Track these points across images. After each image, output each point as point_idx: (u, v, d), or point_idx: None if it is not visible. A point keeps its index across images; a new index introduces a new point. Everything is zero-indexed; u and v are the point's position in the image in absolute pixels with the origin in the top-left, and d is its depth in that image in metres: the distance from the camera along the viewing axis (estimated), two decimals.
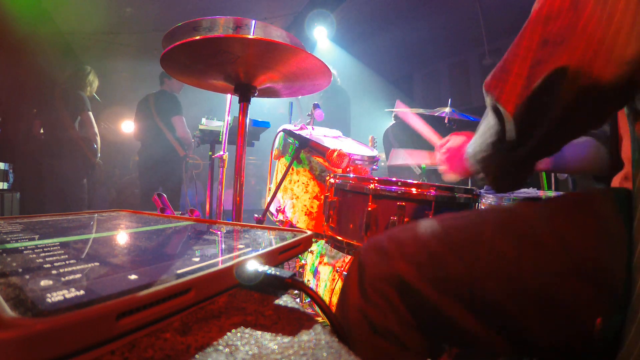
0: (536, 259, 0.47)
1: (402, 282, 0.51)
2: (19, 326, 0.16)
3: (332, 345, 0.23)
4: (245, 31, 1.00)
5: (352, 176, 1.10)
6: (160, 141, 3.11)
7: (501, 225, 0.53)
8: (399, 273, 0.52)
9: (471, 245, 0.51)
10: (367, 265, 0.56)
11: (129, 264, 0.29)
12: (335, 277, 1.41)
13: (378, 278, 0.53)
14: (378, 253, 0.56)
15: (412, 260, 0.52)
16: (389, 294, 0.52)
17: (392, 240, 0.57)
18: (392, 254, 0.54)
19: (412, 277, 0.51)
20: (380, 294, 0.52)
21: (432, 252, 0.52)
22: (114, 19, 4.32)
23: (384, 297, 0.52)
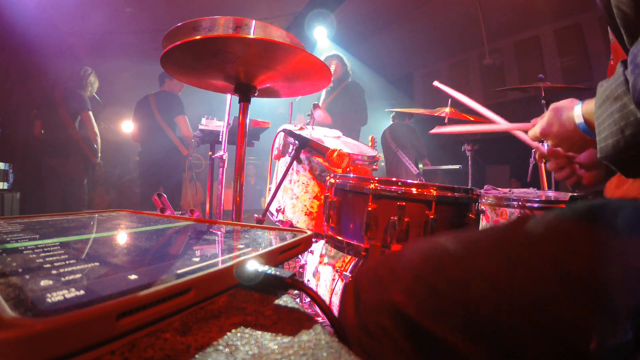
0: (528, 285, 0.48)
1: (397, 311, 0.52)
2: (19, 326, 0.16)
3: (332, 345, 0.23)
4: (245, 31, 1.00)
5: (352, 176, 1.10)
6: (161, 141, 3.11)
7: (494, 250, 0.53)
8: (394, 302, 0.52)
9: (462, 271, 0.52)
10: (364, 296, 0.56)
11: (129, 264, 0.29)
12: (335, 277, 1.41)
13: (373, 307, 0.54)
14: (374, 281, 0.57)
15: (406, 290, 0.53)
16: (387, 325, 0.52)
17: (387, 268, 0.57)
18: (386, 283, 0.55)
19: (406, 306, 0.51)
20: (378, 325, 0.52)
21: (425, 280, 0.53)
22: (114, 19, 4.32)
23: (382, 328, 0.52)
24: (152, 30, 4.20)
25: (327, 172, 1.34)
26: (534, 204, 1.25)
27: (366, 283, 0.58)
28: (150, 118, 3.12)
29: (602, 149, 0.51)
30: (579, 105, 0.63)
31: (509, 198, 1.32)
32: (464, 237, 0.61)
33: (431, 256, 0.56)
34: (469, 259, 0.53)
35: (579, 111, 0.63)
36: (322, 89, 1.05)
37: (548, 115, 0.71)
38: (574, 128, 0.64)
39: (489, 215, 1.41)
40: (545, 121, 0.72)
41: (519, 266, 0.49)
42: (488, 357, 0.48)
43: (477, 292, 0.49)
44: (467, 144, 2.41)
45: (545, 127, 0.72)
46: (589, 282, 0.46)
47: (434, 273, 0.53)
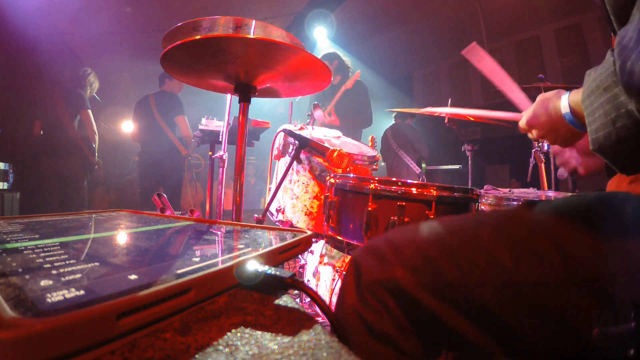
0: (533, 267, 0.47)
1: (398, 288, 0.51)
2: (19, 326, 0.16)
3: (332, 345, 0.23)
4: (245, 31, 1.00)
5: (352, 176, 1.10)
6: (161, 141, 3.11)
7: (499, 231, 0.52)
8: (395, 278, 0.52)
9: (468, 250, 0.51)
10: (364, 268, 0.56)
11: (129, 264, 0.29)
12: (335, 277, 1.41)
13: (375, 282, 0.53)
14: (375, 257, 0.56)
15: (409, 266, 0.52)
16: (386, 299, 0.52)
17: (389, 244, 0.57)
18: (389, 259, 0.54)
19: (408, 282, 0.51)
20: (377, 298, 0.52)
21: (429, 257, 0.52)
22: (114, 19, 4.32)
23: (381, 301, 0.52)
24: (152, 30, 4.20)
25: (327, 172, 1.34)
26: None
27: (367, 257, 0.57)
28: (150, 118, 3.12)
29: (594, 140, 0.50)
30: (565, 96, 0.62)
31: (509, 198, 1.32)
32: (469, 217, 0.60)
33: (437, 234, 0.55)
34: (475, 239, 0.52)
35: (566, 101, 0.61)
36: (322, 89, 1.05)
37: (534, 106, 0.70)
38: (560, 119, 0.63)
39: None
40: (530, 112, 0.70)
41: (524, 248, 0.49)
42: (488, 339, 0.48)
43: (481, 272, 0.49)
44: (467, 144, 2.41)
45: (530, 118, 0.70)
46: (594, 269, 0.45)
47: (439, 251, 0.52)
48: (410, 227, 0.60)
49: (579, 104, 0.56)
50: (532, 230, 0.51)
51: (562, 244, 0.47)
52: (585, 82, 0.52)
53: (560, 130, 0.65)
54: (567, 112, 0.61)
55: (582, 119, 0.54)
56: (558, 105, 0.63)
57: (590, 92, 0.50)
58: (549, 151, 2.06)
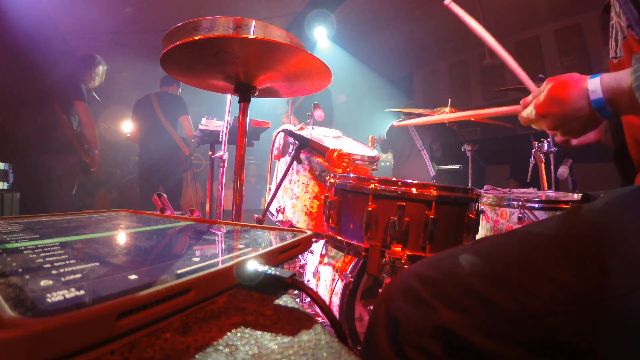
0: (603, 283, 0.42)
1: (448, 334, 0.45)
2: (19, 326, 0.16)
3: (332, 345, 0.23)
4: (245, 31, 1.00)
5: (352, 176, 1.10)
6: (162, 141, 3.11)
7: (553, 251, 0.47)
8: (443, 324, 0.45)
9: (521, 278, 0.45)
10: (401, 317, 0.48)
11: (129, 264, 0.29)
12: (335, 277, 1.41)
13: (417, 332, 0.46)
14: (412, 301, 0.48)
15: (456, 307, 0.45)
16: (434, 349, 0.45)
17: (424, 283, 0.49)
18: (429, 301, 0.47)
19: (459, 326, 0.44)
20: (422, 351, 0.45)
21: (477, 293, 0.46)
22: (114, 19, 4.32)
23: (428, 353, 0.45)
24: (152, 30, 4.20)
25: (327, 172, 1.34)
26: (534, 204, 1.25)
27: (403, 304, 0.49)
28: (152, 117, 3.12)
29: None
30: (594, 80, 0.55)
31: (509, 198, 1.32)
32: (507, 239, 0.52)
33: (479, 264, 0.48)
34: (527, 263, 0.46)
35: (596, 85, 0.54)
36: (322, 89, 1.05)
37: (547, 92, 0.61)
38: (584, 105, 0.55)
39: (489, 215, 1.41)
40: (543, 99, 0.61)
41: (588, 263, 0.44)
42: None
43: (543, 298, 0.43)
44: (467, 144, 2.41)
45: (543, 107, 0.61)
46: None
47: (487, 284, 0.46)
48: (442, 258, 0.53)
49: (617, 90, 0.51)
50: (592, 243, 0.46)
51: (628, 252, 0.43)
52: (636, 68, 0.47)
53: (582, 119, 0.57)
54: (599, 97, 0.54)
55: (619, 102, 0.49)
56: (583, 89, 0.56)
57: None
58: (549, 151, 2.06)
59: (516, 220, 1.28)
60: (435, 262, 0.53)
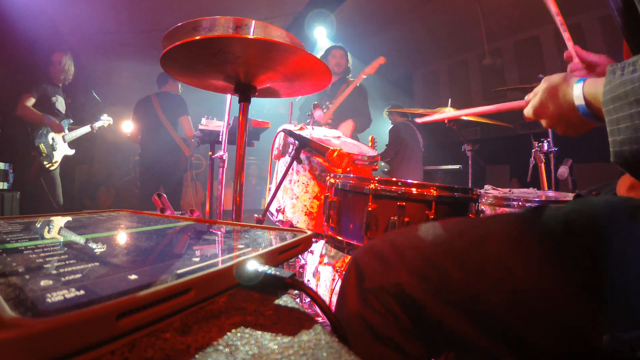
0: (545, 276, 0.47)
1: (403, 293, 0.51)
2: (19, 326, 0.16)
3: (332, 345, 0.23)
4: (245, 31, 1.00)
5: (352, 176, 1.10)
6: (163, 141, 3.11)
7: (508, 238, 0.51)
8: (401, 284, 0.51)
9: (475, 256, 0.50)
10: (367, 272, 0.55)
11: (129, 264, 0.29)
12: (335, 277, 1.41)
13: (379, 287, 0.53)
14: (378, 260, 0.55)
15: (414, 271, 0.52)
16: (390, 303, 0.51)
17: (392, 247, 0.56)
18: (393, 264, 0.53)
19: (414, 288, 0.50)
20: (381, 302, 0.52)
21: (434, 262, 0.51)
22: (114, 19, 4.32)
23: (385, 305, 0.52)
24: (152, 30, 4.20)
25: (327, 172, 1.34)
26: (534, 204, 1.25)
27: (370, 260, 0.56)
28: (152, 118, 3.11)
29: (617, 154, 0.46)
30: (578, 85, 0.55)
31: (509, 198, 1.32)
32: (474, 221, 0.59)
33: (442, 237, 0.54)
34: (482, 245, 0.51)
35: (579, 91, 0.55)
36: (322, 89, 1.05)
37: (540, 95, 0.63)
38: (571, 109, 0.57)
39: (489, 215, 1.41)
40: (537, 101, 0.63)
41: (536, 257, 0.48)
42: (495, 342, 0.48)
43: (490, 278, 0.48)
44: (467, 144, 2.41)
45: (538, 108, 0.63)
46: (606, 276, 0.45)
47: (445, 256, 0.51)
48: (413, 229, 0.58)
49: (596, 98, 0.51)
50: (543, 240, 0.50)
51: (573, 254, 0.47)
52: (608, 80, 0.47)
53: (572, 120, 0.59)
54: (582, 104, 0.54)
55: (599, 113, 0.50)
56: (570, 94, 0.57)
57: (617, 98, 0.45)
58: (549, 151, 2.06)
59: None
60: (405, 232, 0.59)
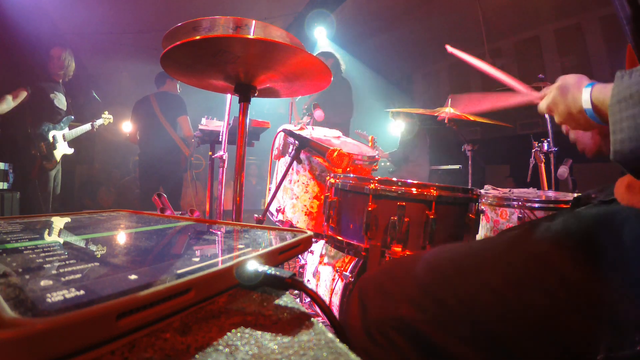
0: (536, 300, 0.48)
1: (406, 325, 0.52)
2: (19, 326, 0.16)
3: (332, 345, 0.23)
4: (245, 31, 1.00)
5: (352, 176, 1.10)
6: (162, 141, 3.11)
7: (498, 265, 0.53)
8: (401, 316, 0.53)
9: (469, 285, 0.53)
10: (370, 305, 0.57)
11: (129, 264, 0.29)
12: (335, 277, 1.41)
13: (381, 320, 0.54)
14: (380, 293, 0.57)
15: (414, 303, 0.53)
16: (393, 336, 0.53)
17: (392, 280, 0.58)
18: (393, 296, 0.56)
19: (415, 320, 0.52)
20: (384, 335, 0.53)
21: (432, 294, 0.53)
22: (114, 18, 4.32)
23: (388, 338, 0.53)
24: (152, 30, 4.20)
25: (327, 172, 1.34)
26: (534, 204, 1.25)
27: (372, 293, 0.58)
28: (151, 118, 3.11)
29: (617, 152, 0.47)
30: (587, 90, 0.59)
31: (509, 198, 1.32)
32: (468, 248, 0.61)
33: (437, 268, 0.56)
34: (475, 272, 0.53)
35: (588, 96, 0.58)
36: (322, 89, 1.05)
37: (553, 93, 0.68)
38: (580, 111, 0.60)
39: (489, 215, 1.41)
40: (550, 99, 0.69)
41: (527, 280, 0.50)
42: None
43: (484, 305, 0.50)
44: (467, 144, 2.41)
45: (550, 105, 0.69)
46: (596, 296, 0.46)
47: (440, 286, 0.53)
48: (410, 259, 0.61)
49: (604, 103, 0.54)
50: (533, 263, 0.52)
51: (564, 275, 0.48)
52: (616, 84, 0.49)
53: (580, 120, 0.63)
54: (589, 108, 0.58)
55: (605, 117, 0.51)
56: (579, 98, 0.60)
57: (622, 99, 0.47)
58: (549, 151, 2.06)
59: (516, 220, 1.28)
60: (404, 262, 0.62)
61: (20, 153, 2.83)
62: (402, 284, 0.56)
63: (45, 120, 2.85)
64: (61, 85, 3.00)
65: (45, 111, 2.84)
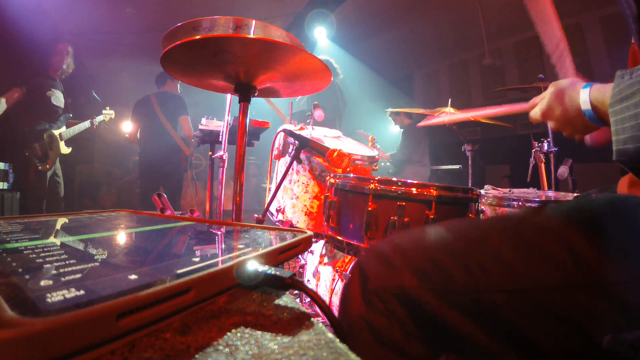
0: (545, 272, 0.47)
1: (406, 294, 0.51)
2: (19, 326, 0.16)
3: (332, 345, 0.23)
4: (245, 31, 1.00)
5: (352, 176, 1.10)
6: (163, 141, 3.11)
7: (508, 236, 0.52)
8: (403, 284, 0.51)
9: (477, 255, 0.50)
10: (371, 274, 0.55)
11: (129, 264, 0.29)
12: (335, 277, 1.41)
13: (382, 288, 0.53)
14: (382, 262, 0.56)
15: (417, 271, 0.52)
16: (393, 305, 0.52)
17: (395, 248, 0.56)
18: (396, 264, 0.54)
19: (416, 288, 0.51)
20: (384, 303, 0.52)
21: (437, 262, 0.51)
22: (114, 19, 4.32)
23: (388, 307, 0.52)
24: (152, 30, 4.20)
25: (327, 172, 1.34)
26: (534, 204, 1.25)
27: (374, 262, 0.57)
28: (152, 118, 3.11)
29: (620, 151, 0.47)
30: (585, 90, 0.58)
31: (509, 198, 1.32)
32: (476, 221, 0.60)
33: (444, 239, 0.54)
34: (484, 243, 0.51)
35: (586, 97, 0.57)
36: (322, 89, 1.05)
37: (548, 98, 0.66)
38: (578, 113, 0.59)
39: (489, 215, 1.41)
40: (545, 104, 0.66)
41: (536, 252, 0.48)
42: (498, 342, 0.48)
43: (491, 276, 0.48)
44: (467, 144, 2.41)
45: (545, 111, 0.66)
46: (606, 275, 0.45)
47: (447, 256, 0.52)
48: (416, 231, 0.59)
49: (603, 103, 0.53)
50: (543, 235, 0.50)
51: (574, 249, 0.47)
52: (616, 83, 0.49)
53: (578, 124, 0.62)
54: (588, 109, 0.57)
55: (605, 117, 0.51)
56: (576, 99, 0.59)
57: (623, 99, 0.47)
58: (549, 151, 2.06)
59: None
60: (409, 233, 0.60)
61: (17, 153, 2.80)
62: (406, 253, 0.54)
63: (42, 118, 2.80)
64: (59, 83, 2.96)
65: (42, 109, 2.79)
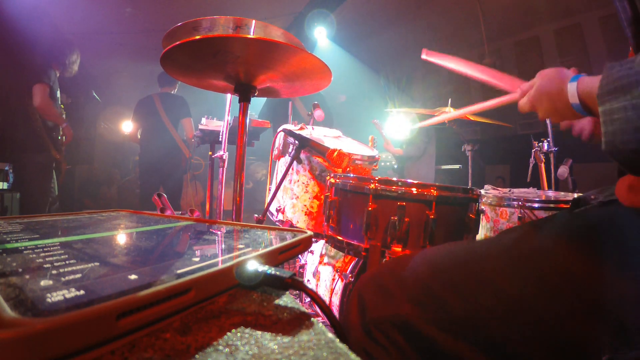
0: (541, 297, 0.47)
1: (406, 323, 0.51)
2: (19, 326, 0.16)
3: (332, 345, 0.23)
4: (245, 31, 1.00)
5: (352, 176, 1.10)
6: (164, 141, 3.11)
7: (503, 262, 0.52)
8: (403, 315, 0.52)
9: (473, 284, 0.51)
10: (369, 304, 0.56)
11: (129, 264, 0.29)
12: (335, 277, 1.41)
13: (382, 319, 0.53)
14: (380, 292, 0.56)
15: (416, 302, 0.52)
16: (393, 334, 0.52)
17: (394, 278, 0.57)
18: (394, 294, 0.54)
19: (416, 318, 0.51)
20: (383, 333, 0.52)
21: (435, 293, 0.52)
22: (114, 18, 4.32)
23: (388, 336, 0.52)
24: (152, 30, 4.20)
25: (327, 172, 1.34)
26: (534, 204, 1.25)
27: (371, 292, 0.57)
28: (155, 118, 3.11)
29: (609, 143, 0.46)
30: (573, 83, 0.57)
31: (509, 198, 1.32)
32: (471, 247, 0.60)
33: (440, 267, 0.55)
34: (478, 270, 0.52)
35: (574, 89, 0.57)
36: (322, 89, 1.05)
37: (535, 89, 0.65)
38: (566, 105, 0.59)
39: (489, 215, 1.41)
40: (533, 95, 0.66)
41: (531, 279, 0.49)
42: None
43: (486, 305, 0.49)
44: (467, 144, 2.41)
45: (533, 100, 0.66)
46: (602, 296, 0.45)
47: (441, 285, 0.52)
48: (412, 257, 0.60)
49: (591, 96, 0.52)
50: (538, 260, 0.50)
51: (569, 273, 0.47)
52: (604, 75, 0.48)
53: (566, 114, 0.61)
54: (577, 102, 0.57)
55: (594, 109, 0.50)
56: (564, 91, 0.59)
57: (612, 90, 0.46)
58: (549, 151, 2.06)
59: (516, 220, 1.28)
60: (405, 260, 0.60)
61: (17, 154, 2.77)
62: (402, 283, 0.55)
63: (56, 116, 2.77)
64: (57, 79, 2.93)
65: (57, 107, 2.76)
